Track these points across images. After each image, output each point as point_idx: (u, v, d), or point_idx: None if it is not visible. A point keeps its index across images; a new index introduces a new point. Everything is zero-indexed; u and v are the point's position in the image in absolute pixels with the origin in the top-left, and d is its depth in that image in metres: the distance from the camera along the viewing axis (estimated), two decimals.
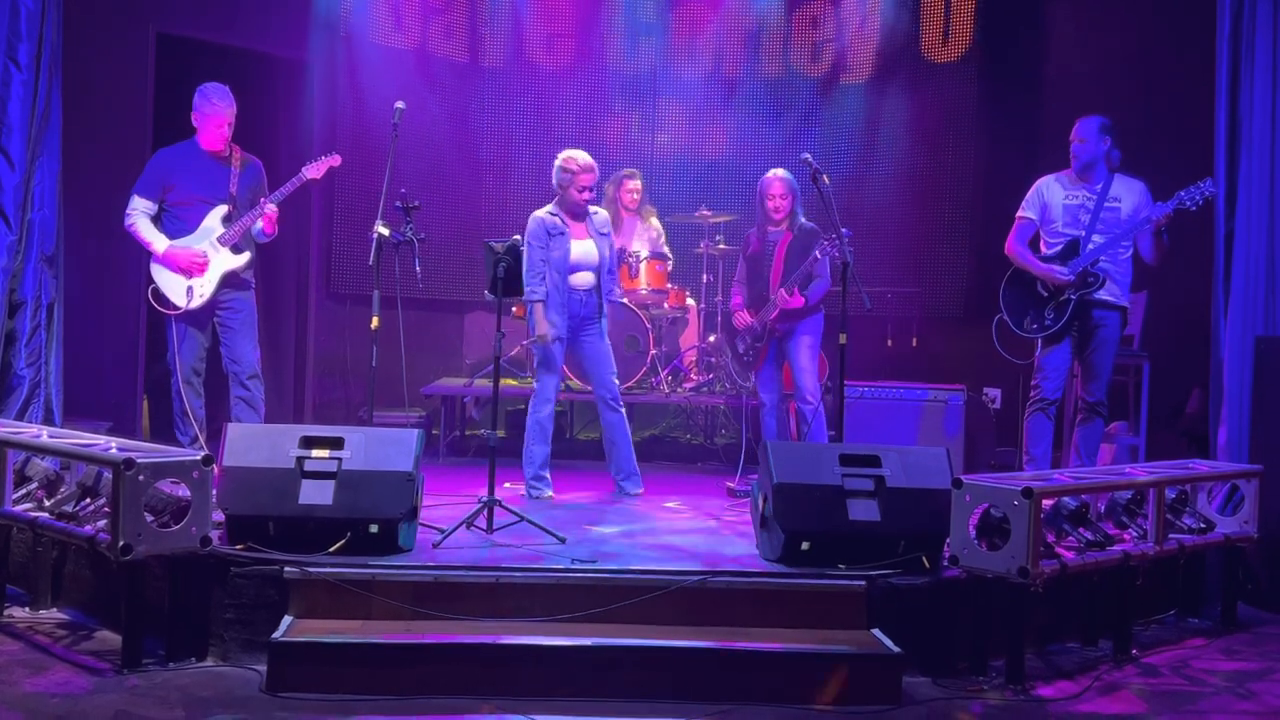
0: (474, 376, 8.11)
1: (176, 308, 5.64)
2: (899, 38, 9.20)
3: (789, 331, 6.24)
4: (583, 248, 6.00)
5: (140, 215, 5.67)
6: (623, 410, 6.12)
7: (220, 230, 5.67)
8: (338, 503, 4.30)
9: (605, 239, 6.11)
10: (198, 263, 5.62)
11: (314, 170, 5.77)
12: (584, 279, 6.00)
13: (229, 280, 5.71)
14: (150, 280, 5.68)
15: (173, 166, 5.72)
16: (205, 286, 5.65)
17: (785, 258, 6.19)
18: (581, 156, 6.02)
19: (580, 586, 4.19)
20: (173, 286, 5.64)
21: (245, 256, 5.73)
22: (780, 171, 6.30)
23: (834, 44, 9.41)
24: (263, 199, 5.72)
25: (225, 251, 5.67)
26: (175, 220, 5.70)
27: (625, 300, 7.69)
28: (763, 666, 3.94)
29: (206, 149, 5.72)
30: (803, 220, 6.24)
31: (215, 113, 5.66)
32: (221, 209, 5.69)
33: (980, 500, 4.19)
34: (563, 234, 5.96)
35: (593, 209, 6.13)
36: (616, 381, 6.12)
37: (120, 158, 7.19)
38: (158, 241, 5.64)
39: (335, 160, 5.86)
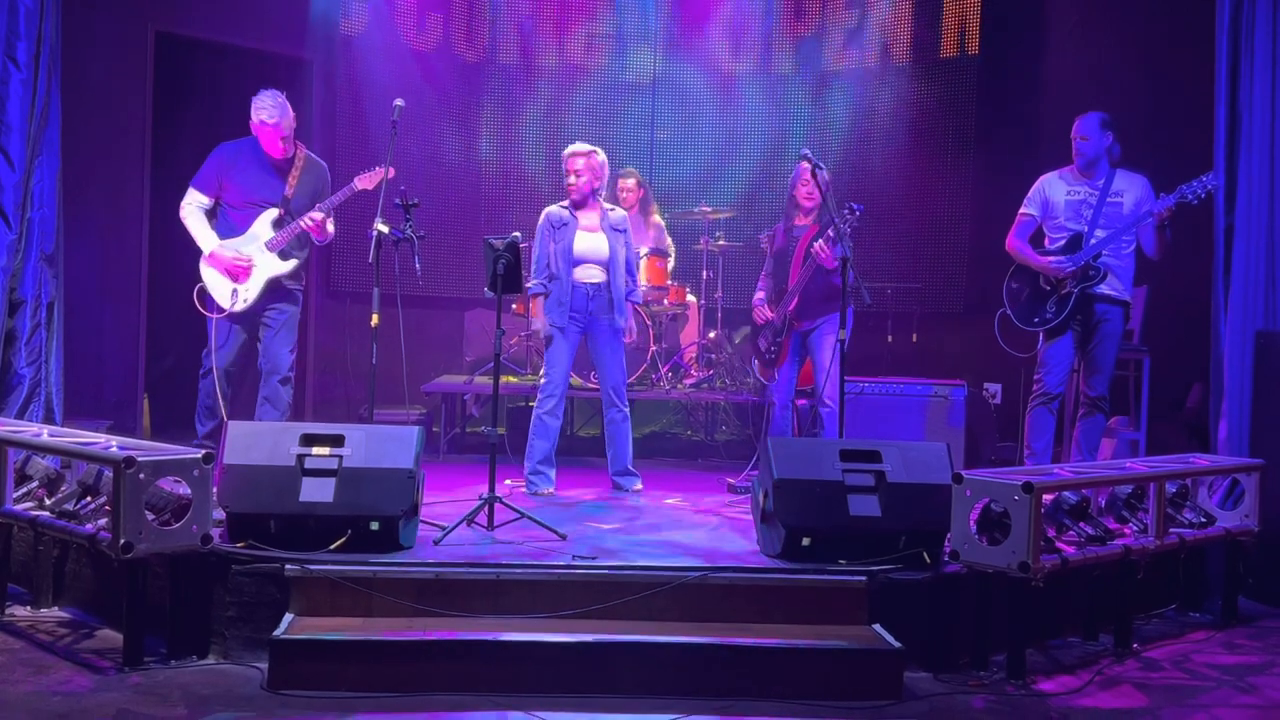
0: (474, 374, 8.12)
1: (220, 310, 5.60)
2: (899, 34, 9.21)
3: (813, 328, 6.09)
4: (590, 241, 5.95)
5: (194, 209, 5.61)
6: (626, 410, 6.10)
7: (269, 235, 5.60)
8: (338, 500, 4.30)
9: (620, 235, 6.03)
10: (242, 266, 5.56)
11: (365, 180, 5.64)
12: (589, 273, 5.95)
13: (273, 288, 5.64)
14: (198, 279, 5.59)
15: (230, 164, 5.64)
16: (249, 291, 5.59)
17: (808, 252, 6.03)
18: (574, 145, 6.03)
19: (581, 583, 4.19)
20: (218, 288, 5.59)
21: (292, 263, 5.66)
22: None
23: (834, 40, 9.42)
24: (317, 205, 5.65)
25: (272, 257, 5.61)
26: (227, 220, 5.65)
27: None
28: (764, 662, 3.94)
29: (268, 152, 5.65)
30: (831, 213, 5.95)
31: (269, 128, 5.56)
32: (273, 213, 5.63)
33: (981, 495, 4.19)
34: (566, 225, 5.95)
35: (608, 205, 6.11)
36: (624, 381, 6.08)
37: (120, 156, 7.21)
38: (205, 241, 5.58)
39: (390, 173, 5.59)
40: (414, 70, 8.95)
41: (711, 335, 8.30)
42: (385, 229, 5.28)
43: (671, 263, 8.14)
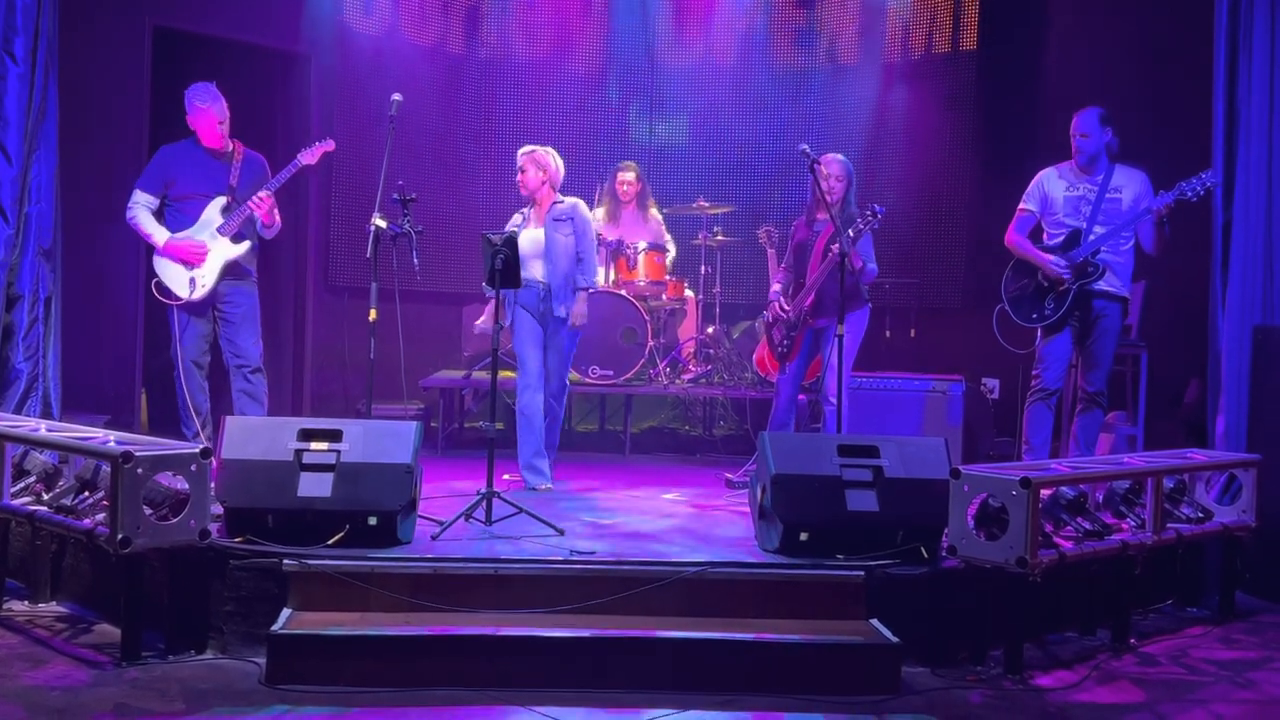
0: (472, 369, 8.11)
1: (179, 299, 5.65)
2: (899, 28, 9.20)
3: (827, 326, 6.03)
4: (530, 237, 6.00)
5: (141, 209, 5.70)
6: (558, 406, 6.14)
7: (219, 221, 5.68)
8: (336, 495, 4.30)
9: (563, 225, 6.00)
10: (197, 252, 5.63)
11: (309, 156, 5.78)
12: (535, 270, 5.99)
13: (230, 270, 5.71)
14: (153, 274, 5.70)
15: (173, 162, 5.75)
16: (207, 276, 5.66)
17: (826, 250, 5.95)
18: (525, 146, 6.16)
19: (579, 578, 4.19)
20: (175, 278, 5.66)
21: (245, 245, 5.74)
22: (837, 155, 6.19)
23: (833, 35, 9.41)
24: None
25: (225, 241, 5.68)
26: (177, 215, 5.72)
27: (623, 292, 7.70)
28: (761, 657, 3.94)
29: (207, 145, 5.75)
30: (853, 209, 6.01)
31: (204, 115, 5.67)
32: (220, 200, 5.71)
33: (978, 490, 4.19)
34: (520, 228, 6.04)
35: (561, 197, 6.12)
36: (568, 378, 6.15)
37: (117, 151, 7.19)
38: (158, 234, 5.67)
39: (329, 145, 5.85)
40: (412, 65, 8.93)
41: (710, 330, 8.30)
42: (383, 224, 5.29)
43: (670, 257, 8.14)
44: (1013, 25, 8.72)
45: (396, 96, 5.52)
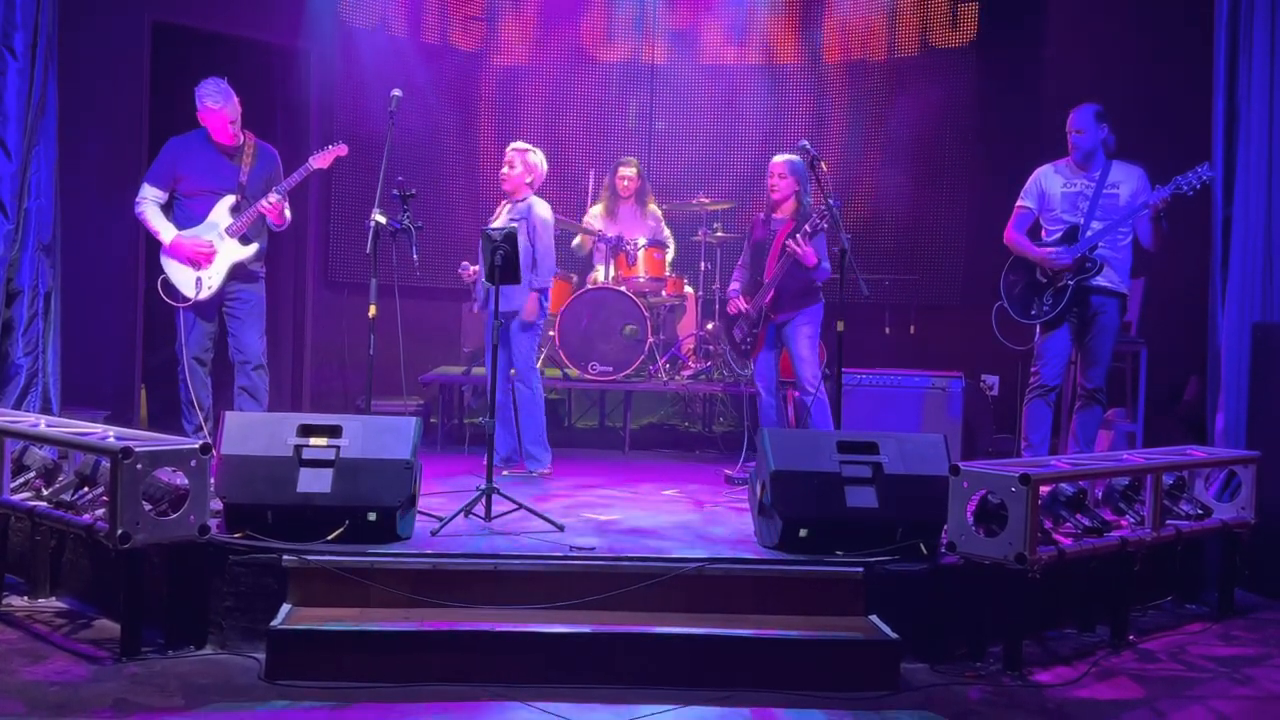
0: (472, 365, 8.11)
1: (185, 299, 5.63)
2: (899, 25, 9.20)
3: (787, 320, 6.16)
4: None
5: (149, 203, 5.67)
6: (528, 389, 6.18)
7: (228, 221, 5.65)
8: (336, 491, 4.30)
9: (520, 224, 6.02)
10: (204, 253, 5.61)
11: (320, 160, 5.75)
12: None
13: (237, 272, 5.69)
14: (156, 271, 5.68)
15: (182, 156, 5.69)
16: (213, 278, 5.63)
17: (784, 248, 6.07)
18: (516, 142, 6.34)
19: (578, 574, 4.19)
20: (181, 278, 5.63)
21: (253, 248, 5.72)
22: (787, 156, 6.24)
23: (833, 32, 9.41)
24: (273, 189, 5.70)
25: (233, 242, 5.66)
26: (185, 211, 5.69)
27: (623, 288, 7.69)
28: (761, 653, 3.95)
29: (218, 141, 5.70)
30: (808, 208, 6.12)
31: (216, 115, 5.62)
32: (229, 199, 5.67)
33: (978, 487, 4.19)
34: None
35: (523, 198, 6.20)
36: (526, 366, 6.23)
37: (117, 146, 7.19)
38: (165, 231, 5.64)
39: (342, 150, 5.82)
40: (412, 60, 8.93)
41: (709, 326, 8.29)
42: (383, 220, 5.28)
43: (670, 254, 8.14)
44: (1012, 20, 8.71)
45: (396, 92, 5.52)
